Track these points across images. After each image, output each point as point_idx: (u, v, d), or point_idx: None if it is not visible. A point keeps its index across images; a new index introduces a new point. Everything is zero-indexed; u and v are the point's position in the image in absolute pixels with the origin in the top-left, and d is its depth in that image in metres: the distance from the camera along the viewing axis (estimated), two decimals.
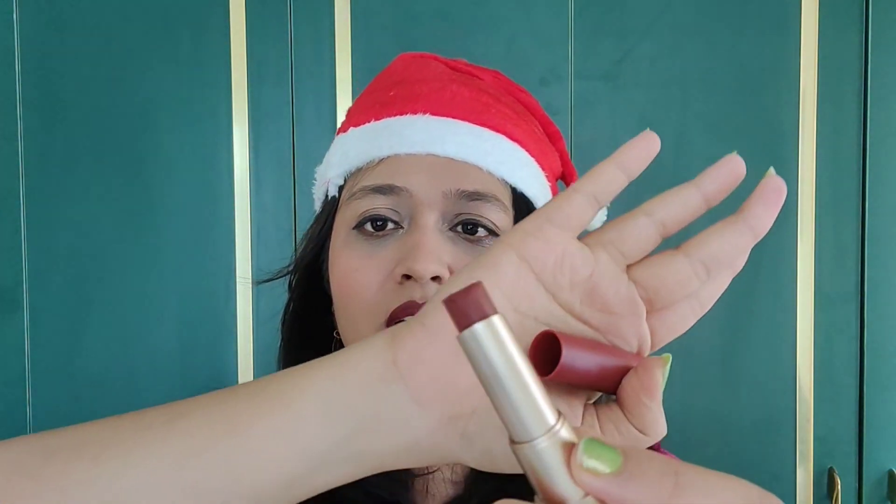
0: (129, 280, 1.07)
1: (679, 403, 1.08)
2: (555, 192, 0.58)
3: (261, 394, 0.32)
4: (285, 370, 0.33)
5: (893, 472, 1.06)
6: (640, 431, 0.31)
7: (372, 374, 0.31)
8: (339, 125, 1.08)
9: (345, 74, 1.05)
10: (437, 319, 0.30)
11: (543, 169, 0.56)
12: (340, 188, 0.55)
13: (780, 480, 1.08)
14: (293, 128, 1.06)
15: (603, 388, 0.32)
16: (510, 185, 0.52)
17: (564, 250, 0.31)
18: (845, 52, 1.06)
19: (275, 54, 1.06)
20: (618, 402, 0.32)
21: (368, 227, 0.50)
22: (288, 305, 0.59)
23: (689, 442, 1.08)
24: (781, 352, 1.07)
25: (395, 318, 0.48)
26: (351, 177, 0.54)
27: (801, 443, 1.07)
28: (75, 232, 1.06)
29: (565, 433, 0.21)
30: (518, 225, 0.32)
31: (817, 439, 1.07)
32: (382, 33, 1.06)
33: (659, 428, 0.31)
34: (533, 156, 0.55)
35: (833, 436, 1.07)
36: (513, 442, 0.22)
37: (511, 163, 0.52)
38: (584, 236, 0.33)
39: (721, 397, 1.08)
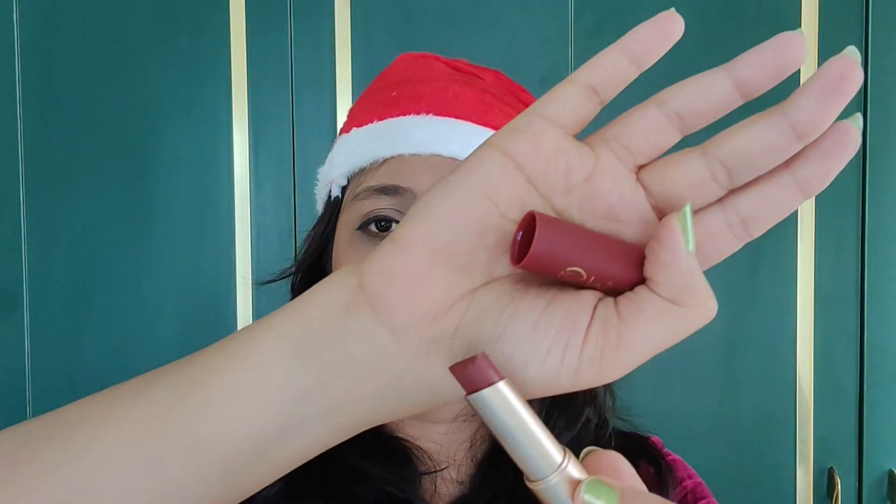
0: (129, 280, 1.07)
1: (679, 403, 1.08)
2: None
3: (221, 350, 0.29)
4: (252, 323, 0.29)
5: (893, 472, 1.06)
6: (670, 300, 0.25)
7: (336, 305, 0.27)
8: (339, 125, 1.08)
9: (345, 74, 1.05)
10: (408, 232, 0.26)
11: None
12: (343, 189, 0.55)
13: (780, 480, 1.08)
14: (293, 128, 1.06)
15: (614, 283, 0.26)
16: None
17: (557, 146, 0.26)
18: None
19: (275, 54, 1.06)
20: (644, 276, 0.26)
21: (373, 227, 0.50)
22: None
23: (689, 442, 1.08)
24: (781, 352, 1.07)
25: None
26: (354, 177, 0.54)
27: (801, 443, 1.07)
28: (75, 232, 1.06)
29: (573, 469, 0.24)
30: (507, 124, 0.27)
31: (817, 439, 1.07)
32: (382, 33, 1.06)
33: (698, 295, 0.25)
34: None
35: (833, 436, 1.07)
36: (529, 481, 0.25)
37: None
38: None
39: (721, 397, 1.08)
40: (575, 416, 0.55)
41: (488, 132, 0.52)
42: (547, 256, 0.25)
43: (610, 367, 0.25)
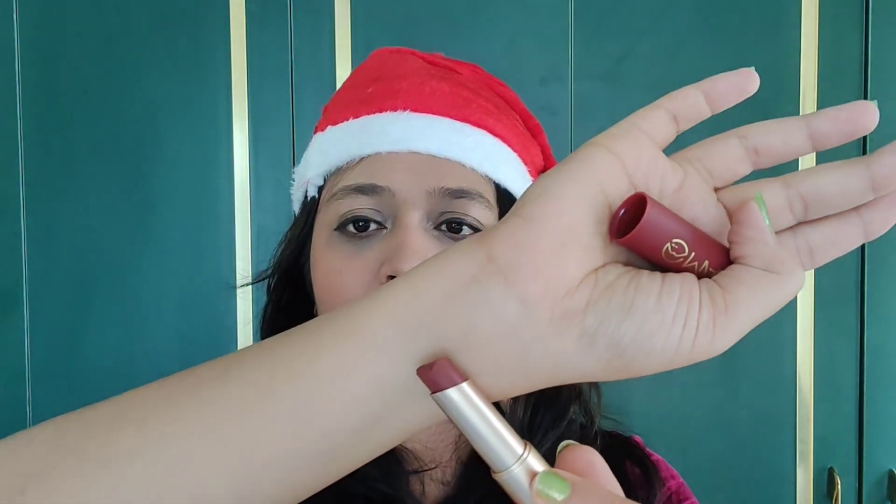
0: (128, 280, 1.06)
1: (679, 403, 1.08)
2: None
3: (324, 327, 0.28)
4: (355, 302, 0.29)
5: (893, 472, 1.06)
6: (764, 269, 0.27)
7: (462, 276, 0.27)
8: None
9: (345, 74, 1.05)
10: (536, 209, 0.27)
11: (525, 164, 0.55)
12: (320, 188, 0.54)
13: (780, 480, 1.08)
14: (293, 128, 1.06)
15: (705, 256, 0.29)
16: (493, 182, 0.51)
17: (655, 154, 0.29)
18: (845, 52, 1.06)
19: (275, 54, 1.06)
20: (734, 260, 0.28)
21: (351, 228, 0.50)
22: (266, 309, 0.58)
23: (689, 442, 1.08)
24: (781, 352, 1.07)
25: None
26: (331, 176, 0.53)
27: (801, 442, 1.07)
28: (75, 232, 1.06)
29: (533, 461, 0.26)
30: (608, 130, 0.30)
31: (817, 439, 1.07)
32: (382, 33, 1.06)
33: (786, 264, 0.27)
34: (515, 151, 0.54)
35: (833, 436, 1.08)
36: (494, 473, 0.27)
37: (494, 158, 0.51)
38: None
39: (721, 397, 1.08)
40: (560, 414, 0.54)
41: (466, 127, 0.51)
42: (656, 228, 0.27)
43: (721, 334, 0.27)
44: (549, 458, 0.27)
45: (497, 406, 0.56)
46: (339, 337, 0.27)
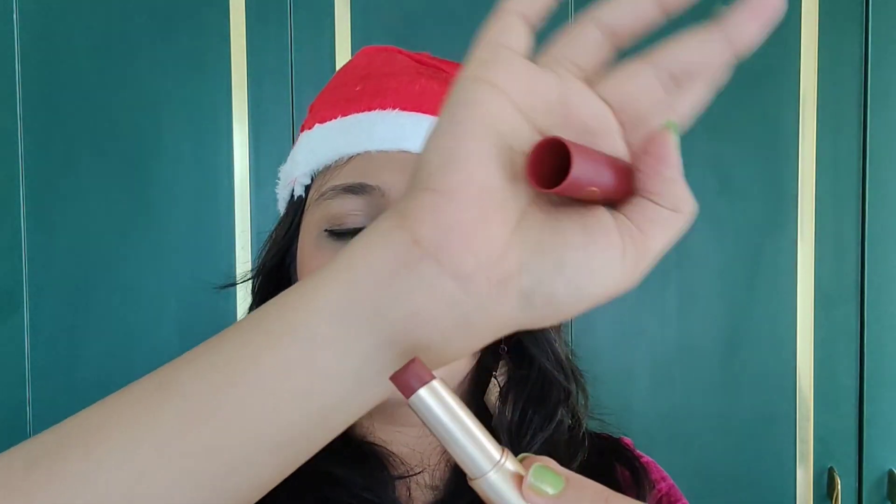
0: (128, 280, 1.06)
1: (679, 403, 1.08)
2: None
3: (258, 327, 0.28)
4: (280, 294, 0.28)
5: (893, 472, 1.06)
6: (672, 210, 0.28)
7: (390, 264, 0.26)
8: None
9: None
10: (445, 179, 0.26)
11: None
12: (307, 188, 0.53)
13: (780, 480, 1.08)
14: (293, 128, 1.06)
15: (614, 196, 0.29)
16: None
17: (528, 69, 0.28)
18: (845, 52, 1.06)
19: (275, 54, 1.06)
20: (640, 192, 0.28)
21: (339, 229, 0.48)
22: (250, 309, 0.57)
23: (689, 442, 1.08)
24: (781, 352, 1.07)
25: None
26: (318, 175, 0.52)
27: (801, 443, 1.07)
28: (75, 232, 1.06)
29: (510, 464, 0.26)
30: (471, 57, 0.29)
31: (817, 439, 1.07)
32: (382, 33, 1.06)
33: (689, 202, 0.28)
34: None
35: (833, 436, 1.07)
36: (470, 479, 0.26)
37: None
38: None
39: (721, 397, 1.08)
40: (549, 416, 0.53)
41: None
42: (580, 180, 0.26)
43: (636, 273, 0.28)
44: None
45: (485, 409, 0.55)
46: (276, 336, 0.27)
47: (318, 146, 0.52)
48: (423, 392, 0.25)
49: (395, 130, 0.49)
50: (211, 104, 1.06)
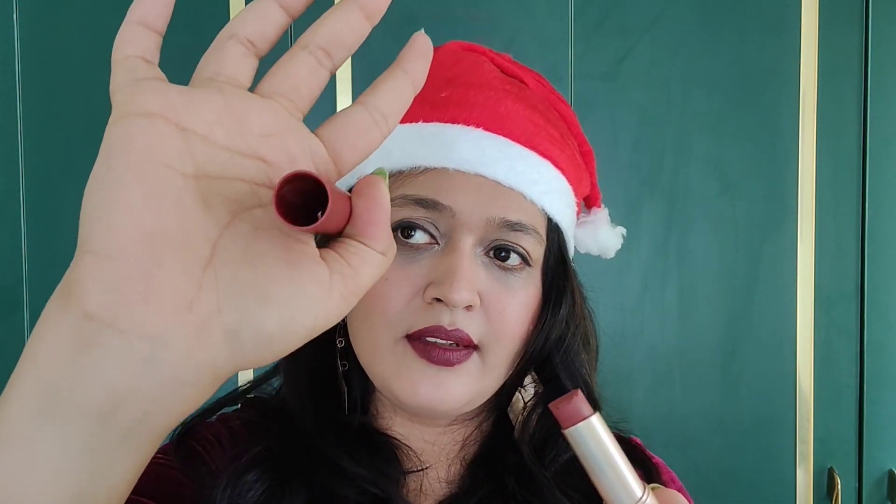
0: None
1: (679, 403, 1.08)
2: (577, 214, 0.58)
3: None
4: None
5: (893, 472, 1.06)
6: (381, 253, 0.29)
7: (67, 347, 0.24)
8: None
9: (345, 74, 1.05)
10: (103, 239, 0.24)
11: (576, 195, 0.55)
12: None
13: (780, 480, 1.08)
14: None
15: (332, 232, 0.29)
16: (547, 215, 0.51)
17: (178, 91, 0.28)
18: (845, 52, 1.06)
19: (275, 54, 1.06)
20: (354, 235, 0.29)
21: (401, 234, 0.49)
22: None
23: (688, 441, 1.08)
24: (781, 352, 1.07)
25: (417, 337, 0.47)
26: (391, 178, 0.51)
27: (801, 443, 1.07)
28: (75, 232, 1.06)
29: (651, 501, 0.29)
30: (113, 84, 0.28)
31: (817, 439, 1.07)
32: (382, 33, 1.06)
33: (393, 247, 0.30)
34: (571, 184, 0.53)
35: (833, 436, 1.08)
36: None
37: (553, 193, 0.51)
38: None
39: (721, 397, 1.08)
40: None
41: (533, 157, 0.50)
42: (330, 218, 0.26)
43: (345, 308, 0.28)
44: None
45: (507, 421, 0.55)
46: None
47: (395, 148, 0.50)
48: (581, 426, 0.28)
49: (476, 152, 0.49)
50: None
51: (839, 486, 1.05)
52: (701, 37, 1.06)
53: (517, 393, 0.54)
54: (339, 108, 1.07)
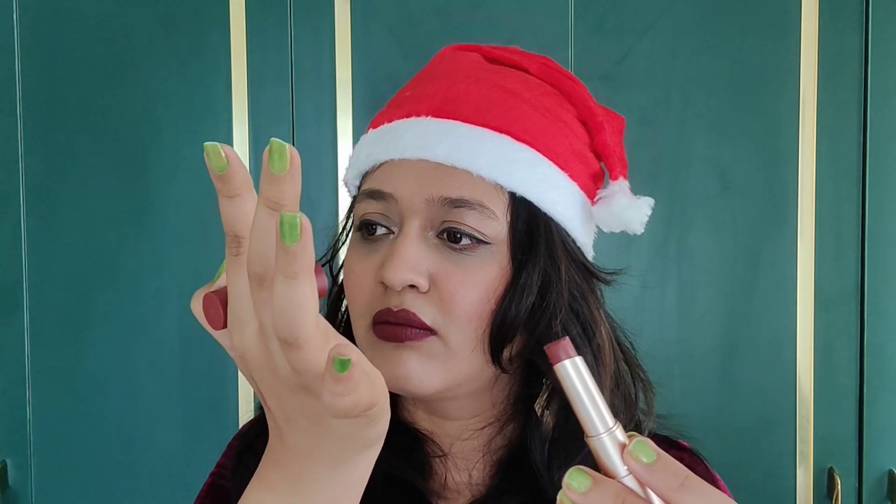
0: (129, 280, 1.06)
1: (679, 403, 1.08)
2: (588, 190, 0.55)
3: None
4: None
5: (893, 472, 1.06)
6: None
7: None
8: (339, 125, 1.08)
9: (345, 74, 1.05)
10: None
11: (565, 167, 0.52)
12: (358, 188, 0.57)
13: (780, 480, 1.08)
14: (293, 128, 1.06)
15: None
16: (508, 190, 0.50)
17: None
18: (845, 52, 1.06)
19: (275, 54, 1.06)
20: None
21: (364, 230, 0.52)
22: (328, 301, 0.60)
23: (688, 442, 1.08)
24: (781, 352, 1.07)
25: (376, 322, 0.49)
26: (362, 178, 0.55)
27: (801, 443, 1.07)
28: (75, 232, 1.06)
29: (619, 434, 0.34)
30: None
31: (817, 439, 1.07)
32: (382, 33, 1.06)
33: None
34: (547, 154, 0.52)
35: (833, 436, 1.07)
36: (587, 436, 0.34)
37: (509, 165, 0.50)
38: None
39: (721, 397, 1.08)
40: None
41: (485, 134, 0.50)
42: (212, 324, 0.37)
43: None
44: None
45: (534, 415, 0.57)
46: None
47: (362, 151, 0.55)
48: (567, 363, 0.33)
49: (418, 139, 0.51)
50: (211, 104, 1.06)
51: (839, 486, 1.05)
52: (701, 37, 1.06)
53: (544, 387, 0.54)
54: (338, 109, 1.07)
